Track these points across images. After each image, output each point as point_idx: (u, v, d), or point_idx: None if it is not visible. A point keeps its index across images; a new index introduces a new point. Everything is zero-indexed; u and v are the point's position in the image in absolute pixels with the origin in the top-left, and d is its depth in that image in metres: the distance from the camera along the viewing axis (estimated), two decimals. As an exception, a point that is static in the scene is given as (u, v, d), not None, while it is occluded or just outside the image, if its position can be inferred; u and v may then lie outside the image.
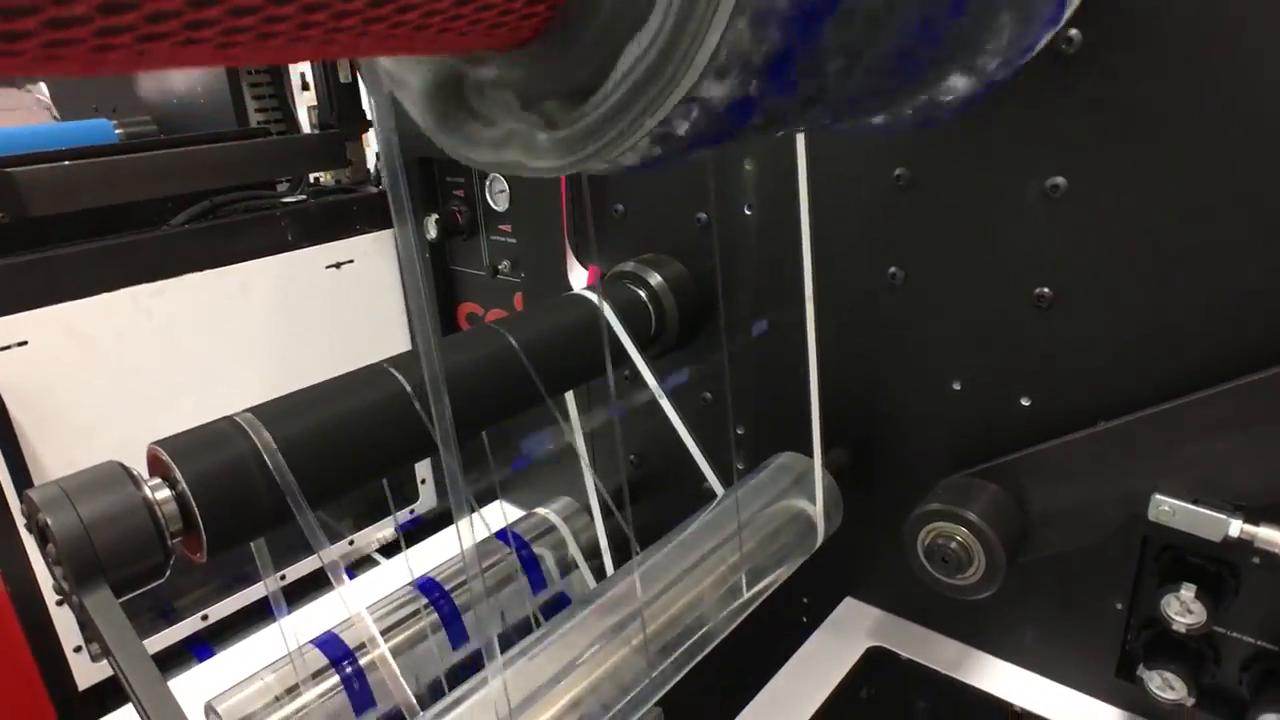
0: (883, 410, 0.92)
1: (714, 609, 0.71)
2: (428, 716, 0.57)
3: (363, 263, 1.43)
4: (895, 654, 0.94)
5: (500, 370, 0.82)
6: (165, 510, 0.61)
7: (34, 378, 1.10)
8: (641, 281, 1.01)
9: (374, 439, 0.72)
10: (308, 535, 0.65)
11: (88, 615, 0.57)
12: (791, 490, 0.85)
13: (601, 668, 0.62)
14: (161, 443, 0.64)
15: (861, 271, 0.88)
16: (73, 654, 1.21)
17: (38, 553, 1.17)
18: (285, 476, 0.65)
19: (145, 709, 0.53)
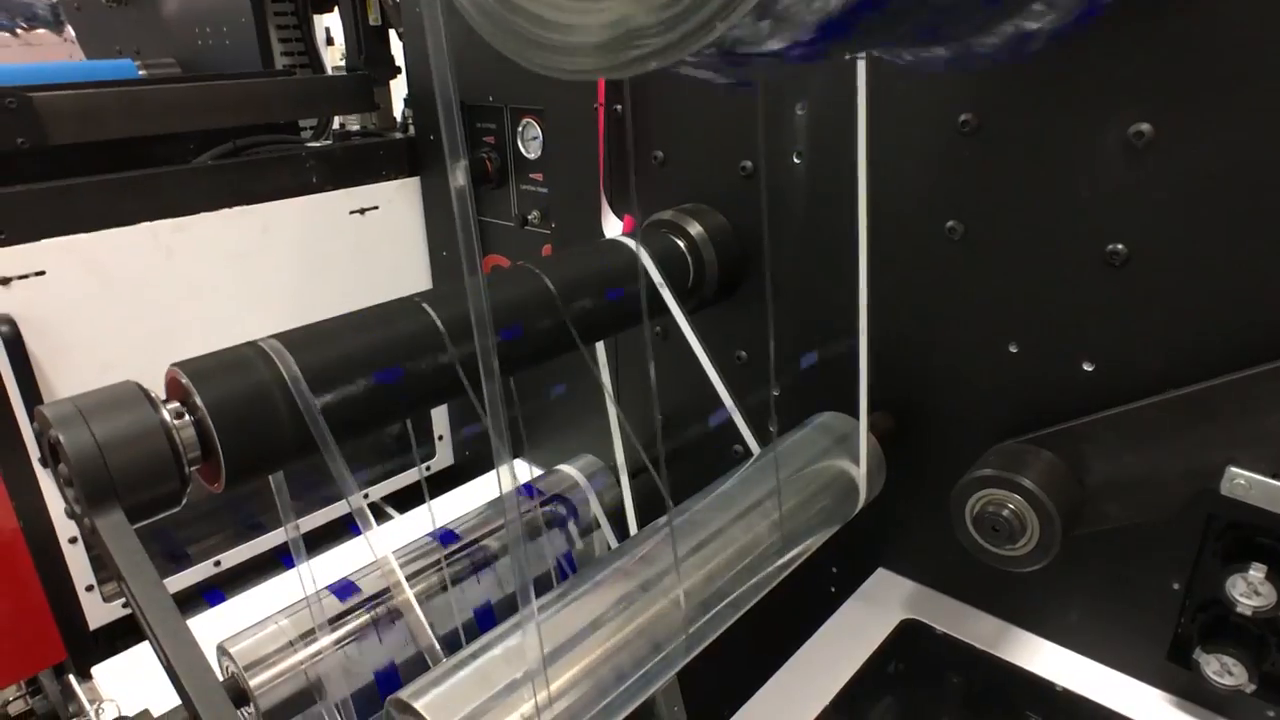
0: (930, 372, 0.87)
1: (752, 569, 0.67)
2: (458, 658, 0.54)
3: (387, 210, 1.39)
4: (930, 627, 0.91)
5: (534, 312, 0.79)
6: (183, 435, 0.58)
7: (51, 308, 1.07)
8: (680, 231, 0.96)
9: (408, 373, 0.68)
10: (332, 469, 0.61)
11: (99, 539, 0.54)
12: (833, 450, 0.81)
13: (635, 622, 0.58)
14: (181, 365, 0.60)
15: (916, 224, 0.83)
16: (84, 593, 1.19)
17: (53, 491, 1.15)
18: (309, 405, 0.62)
19: (156, 634, 0.50)
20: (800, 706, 0.81)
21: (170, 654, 0.50)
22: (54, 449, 0.55)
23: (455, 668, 0.54)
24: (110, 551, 0.53)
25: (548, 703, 0.50)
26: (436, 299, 0.73)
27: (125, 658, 1.04)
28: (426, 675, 0.53)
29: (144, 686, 0.98)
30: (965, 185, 0.79)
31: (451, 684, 0.52)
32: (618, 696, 0.56)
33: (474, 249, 0.44)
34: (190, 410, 0.59)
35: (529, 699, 0.52)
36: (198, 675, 0.49)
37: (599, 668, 0.55)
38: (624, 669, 0.57)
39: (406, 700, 0.51)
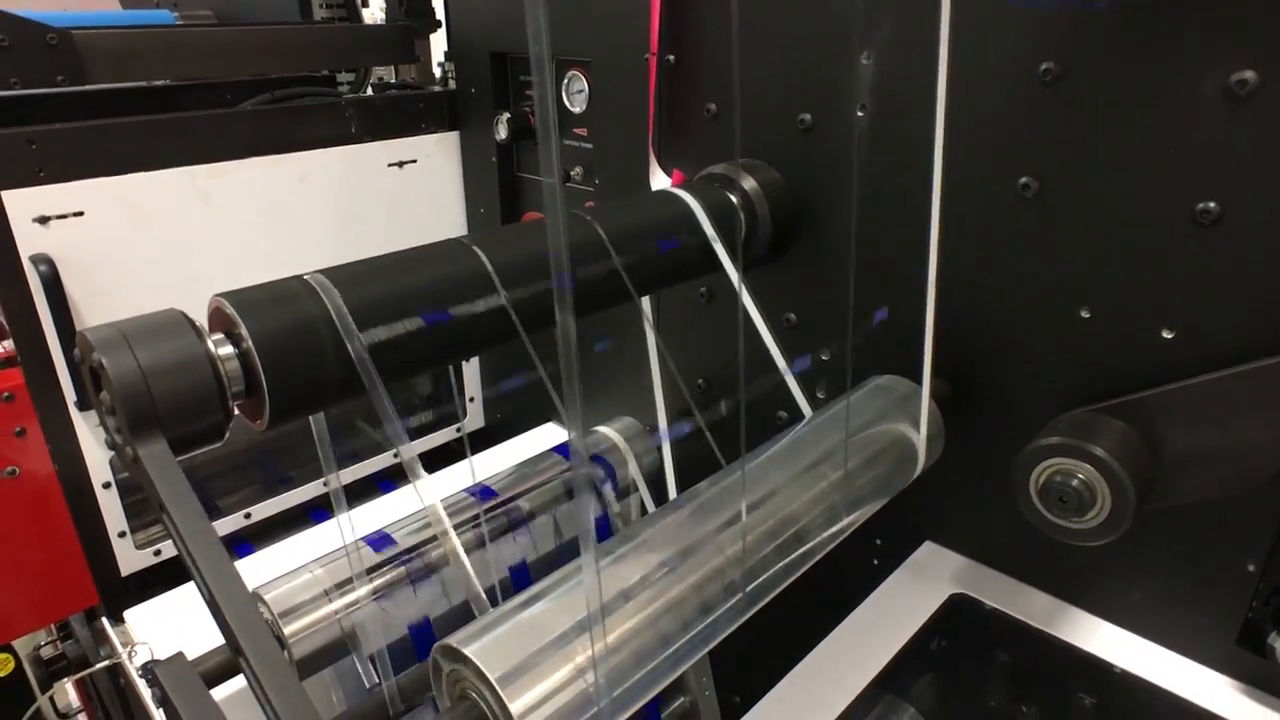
0: (992, 337, 0.83)
1: (810, 531, 0.64)
2: (507, 608, 0.52)
3: (426, 164, 1.37)
4: (979, 603, 0.88)
5: (585, 260, 0.76)
6: (227, 367, 0.56)
7: (88, 249, 1.05)
8: (733, 185, 0.93)
9: (452, 315, 0.66)
10: (378, 409, 0.59)
11: (141, 470, 0.52)
12: (893, 413, 0.77)
13: (692, 578, 0.56)
14: (226, 295, 0.58)
15: (986, 181, 0.79)
16: (117, 539, 1.19)
17: (88, 435, 1.14)
18: (356, 342, 0.59)
19: (199, 568, 0.48)
20: (845, 680, 0.78)
21: (214, 588, 0.48)
22: (95, 375, 0.53)
23: (505, 616, 0.51)
24: (153, 482, 0.51)
25: (604, 653, 0.48)
26: (485, 242, 0.70)
27: (158, 603, 1.03)
28: (475, 623, 0.51)
29: (177, 631, 0.97)
30: (1043, 139, 0.75)
31: (502, 632, 0.50)
32: (671, 653, 0.53)
33: (555, 166, 0.41)
34: (235, 342, 0.57)
35: (583, 650, 0.49)
36: (242, 611, 0.47)
37: (656, 622, 0.53)
38: (679, 625, 0.54)
39: (456, 646, 0.48)
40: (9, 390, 1.08)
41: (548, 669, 0.48)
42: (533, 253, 0.72)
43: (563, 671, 0.48)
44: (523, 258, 0.70)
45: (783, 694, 0.77)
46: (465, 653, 0.48)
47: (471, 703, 0.48)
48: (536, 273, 0.71)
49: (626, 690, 0.50)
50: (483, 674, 0.47)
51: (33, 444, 1.11)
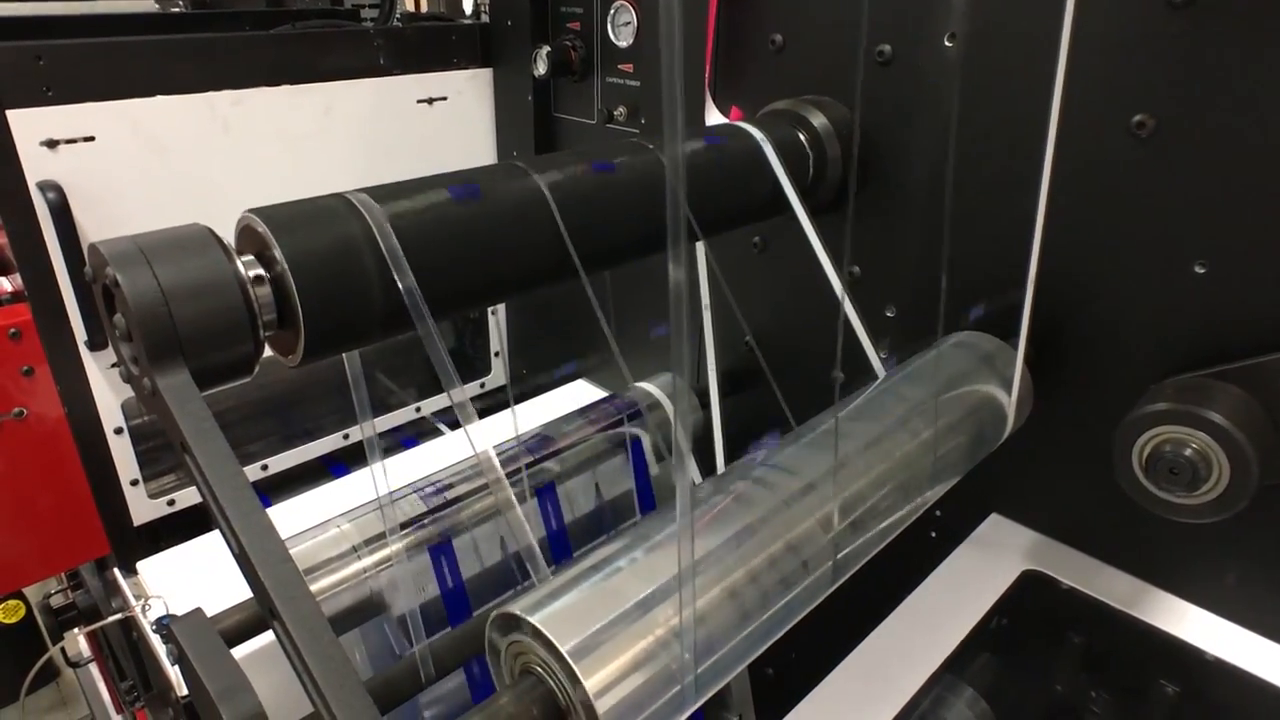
0: (1087, 292, 0.76)
1: (903, 494, 0.58)
2: (571, 574, 0.46)
3: (456, 102, 1.29)
4: (1055, 580, 0.81)
5: (647, 193, 0.68)
6: (258, 292, 0.49)
7: (100, 177, 0.98)
8: (801, 122, 0.85)
9: (506, 245, 0.59)
10: (425, 343, 0.52)
11: (160, 404, 0.45)
12: (979, 372, 0.70)
13: (780, 542, 0.49)
14: (257, 212, 0.51)
15: (1092, 119, 0.71)
16: (129, 488, 1.13)
17: (99, 377, 1.08)
18: (403, 269, 0.52)
19: (226, 513, 0.42)
20: (914, 659, 0.72)
21: (244, 539, 0.41)
22: (109, 294, 0.47)
23: (572, 582, 0.45)
24: (174, 417, 0.44)
25: (692, 621, 0.42)
26: (540, 164, 0.63)
27: (173, 554, 0.98)
28: (538, 589, 0.45)
29: (192, 585, 0.92)
30: (1164, 71, 0.67)
31: (571, 599, 0.44)
32: (756, 628, 0.47)
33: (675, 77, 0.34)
34: (266, 265, 0.50)
35: (664, 622, 0.43)
36: (276, 566, 0.41)
37: (738, 593, 0.47)
38: (761, 599, 0.48)
39: (520, 615, 0.42)
40: (15, 327, 1.02)
41: (626, 642, 0.42)
42: (576, 184, 0.65)
43: (642, 645, 0.42)
44: (586, 187, 0.63)
45: (846, 675, 0.71)
46: (532, 622, 0.41)
47: (536, 678, 0.42)
48: (587, 207, 0.64)
49: (709, 668, 0.44)
50: (552, 646, 0.41)
51: (41, 385, 1.05)
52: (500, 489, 0.50)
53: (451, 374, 0.52)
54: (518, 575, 0.85)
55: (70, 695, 2.31)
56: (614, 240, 0.66)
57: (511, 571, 0.85)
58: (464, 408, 0.52)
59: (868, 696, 0.69)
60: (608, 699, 0.40)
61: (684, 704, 0.43)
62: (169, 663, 0.85)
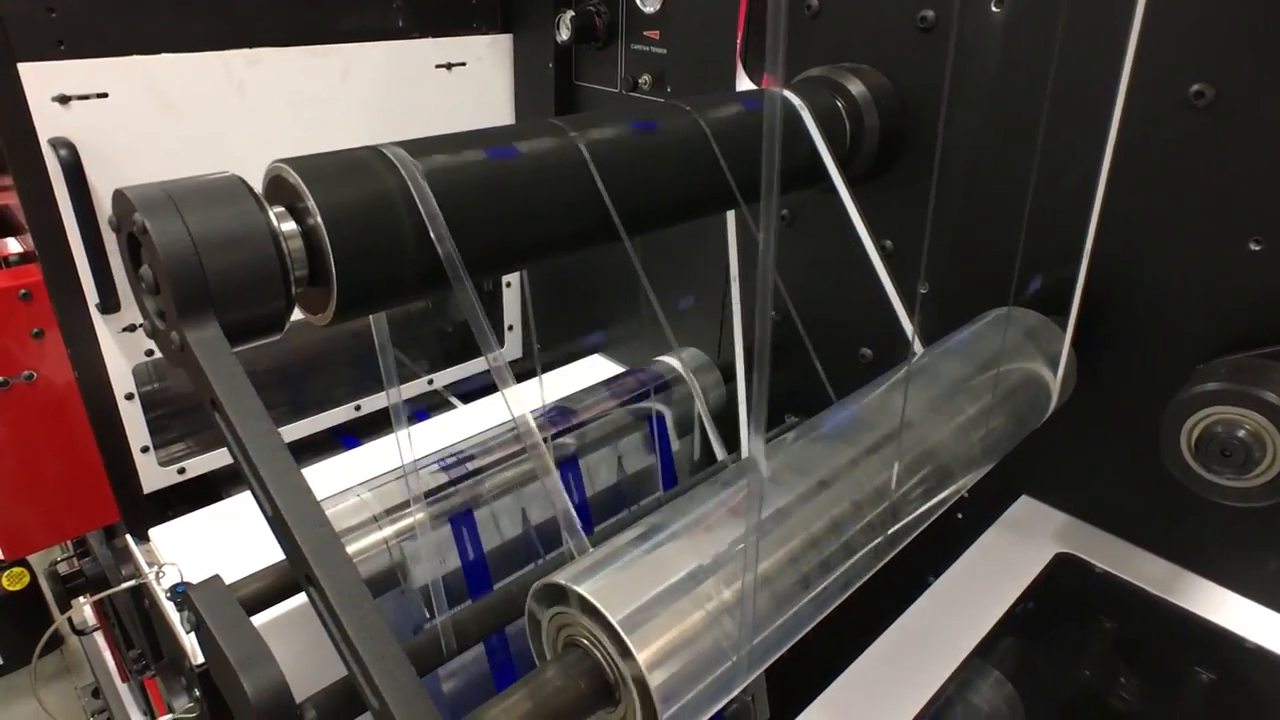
0: (1138, 268, 0.74)
1: (956, 468, 0.56)
2: (615, 545, 0.44)
3: (475, 68, 1.26)
4: (1088, 564, 0.80)
5: (687, 156, 0.66)
6: (290, 246, 0.47)
7: (112, 136, 0.96)
8: (839, 89, 0.82)
9: (543, 206, 0.57)
10: (463, 306, 0.50)
11: (189, 360, 0.43)
12: (1023, 348, 0.68)
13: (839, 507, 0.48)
14: (289, 162, 0.49)
15: (1149, 88, 0.68)
16: (139, 454, 1.11)
17: (110, 340, 1.06)
18: (440, 228, 0.50)
19: (259, 473, 0.40)
20: (945, 644, 0.71)
21: (279, 501, 0.40)
22: (134, 243, 0.44)
23: (617, 553, 0.43)
24: (204, 373, 0.42)
25: (753, 591, 0.40)
26: (578, 123, 0.60)
27: (186, 521, 0.96)
28: (581, 560, 0.43)
29: (205, 552, 0.91)
30: (1226, 38, 0.64)
31: (618, 569, 0.42)
32: (811, 600, 0.45)
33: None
34: (298, 217, 0.48)
35: (716, 593, 0.41)
36: (314, 530, 0.39)
37: (796, 563, 0.45)
38: (819, 568, 0.46)
39: (565, 584, 0.40)
40: (25, 288, 1.00)
41: (678, 614, 0.40)
42: (616, 144, 0.62)
43: (696, 617, 0.40)
44: (626, 148, 0.61)
45: (875, 659, 0.70)
46: (579, 592, 0.40)
47: (582, 651, 0.41)
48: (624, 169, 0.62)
49: (764, 641, 0.42)
50: (602, 617, 0.39)
51: (51, 348, 1.03)
52: (538, 455, 0.48)
53: (490, 337, 0.50)
54: (539, 548, 0.83)
55: (75, 663, 2.31)
56: (653, 203, 0.64)
57: (533, 545, 0.83)
58: (501, 371, 0.50)
59: (897, 682, 0.68)
60: (660, 673, 0.38)
61: (734, 680, 0.41)
62: (183, 630, 0.83)
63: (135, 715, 1.73)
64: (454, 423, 1.21)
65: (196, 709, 0.86)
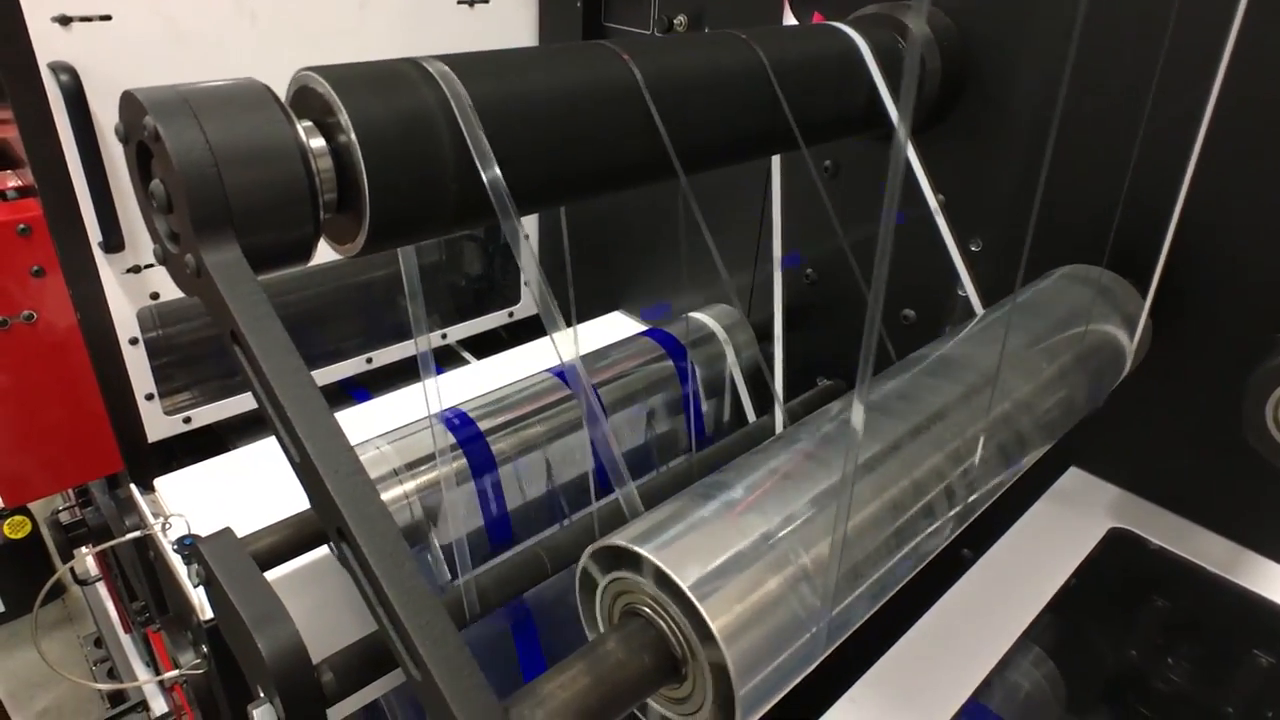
0: (1222, 231, 0.68)
1: (1033, 434, 0.51)
2: (677, 504, 0.39)
3: (499, 6, 1.19)
4: (1143, 540, 0.76)
5: (745, 89, 0.60)
6: (319, 165, 0.42)
7: (117, 61, 0.90)
8: (898, 27, 0.76)
9: (592, 136, 0.51)
10: (510, 241, 0.45)
11: (207, 287, 0.38)
12: (1099, 308, 0.63)
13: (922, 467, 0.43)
14: (319, 71, 0.44)
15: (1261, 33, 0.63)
16: (144, 402, 1.07)
17: (114, 282, 1.01)
18: (486, 156, 0.45)
19: (288, 415, 0.35)
20: (1001, 618, 0.67)
21: (308, 444, 0.35)
22: (145, 153, 0.40)
23: (678, 515, 0.39)
24: (224, 300, 0.37)
25: (839, 558, 0.36)
26: (632, 47, 0.55)
27: (193, 472, 0.92)
28: (638, 521, 0.39)
29: (213, 504, 0.87)
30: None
31: (683, 531, 0.37)
32: (889, 569, 0.41)
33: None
34: (328, 134, 0.43)
35: (795, 558, 0.37)
36: (345, 473, 0.35)
37: (876, 529, 0.40)
38: (895, 537, 0.42)
39: (627, 546, 0.36)
40: (24, 222, 0.95)
41: (754, 579, 0.36)
42: (674, 75, 0.57)
43: (773, 583, 0.36)
44: (681, 77, 0.56)
45: (921, 640, 0.66)
46: (645, 555, 0.35)
47: (644, 621, 0.36)
48: (682, 101, 0.56)
49: (844, 611, 0.38)
50: (670, 583, 0.35)
51: (52, 287, 0.98)
52: (584, 402, 0.44)
53: (538, 276, 0.45)
54: (564, 508, 0.79)
55: (76, 611, 2.30)
56: (708, 139, 0.59)
57: (558, 505, 0.79)
58: (549, 313, 0.46)
59: (945, 663, 0.64)
60: (738, 645, 0.34)
61: (812, 655, 0.37)
62: (191, 583, 0.80)
63: (138, 666, 1.72)
64: (467, 378, 1.16)
65: (204, 665, 0.83)
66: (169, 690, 1.46)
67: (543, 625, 0.80)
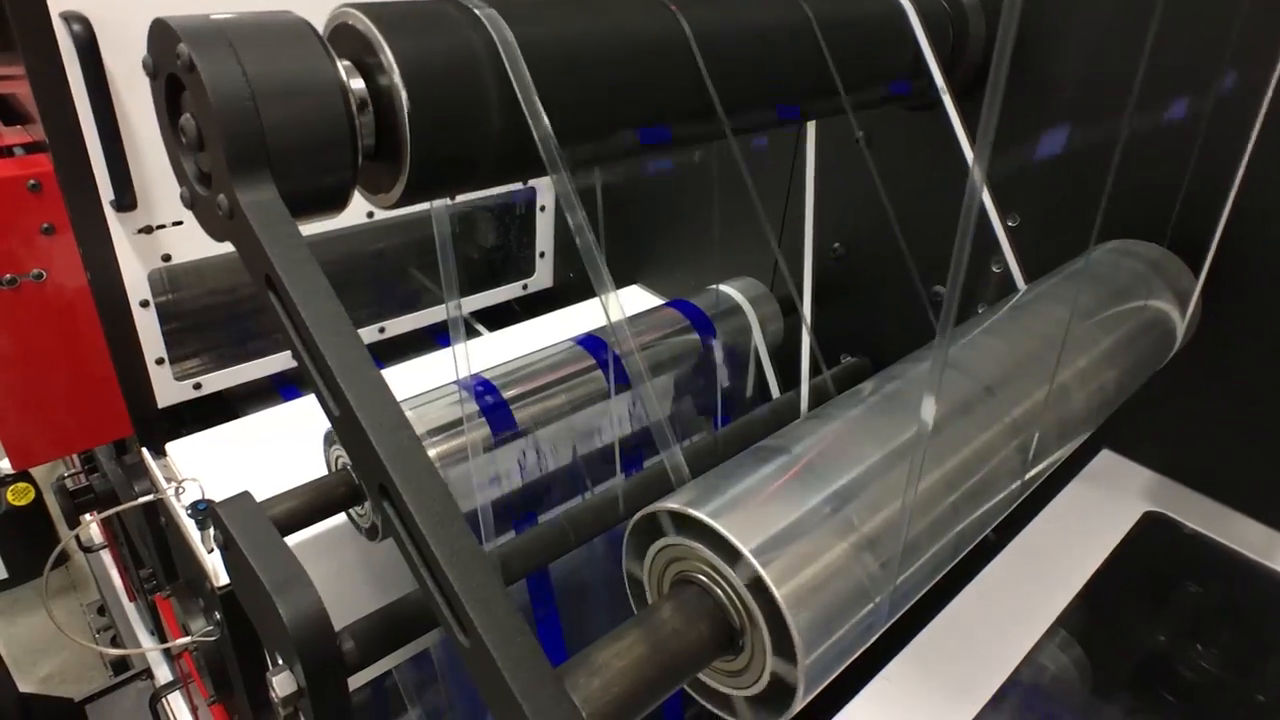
0: (1267, 210, 0.66)
1: (1089, 409, 0.49)
2: (729, 470, 0.38)
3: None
4: (1178, 524, 0.74)
5: (788, 48, 0.58)
6: (358, 107, 0.40)
7: (131, 11, 0.87)
8: (944, -10, 0.74)
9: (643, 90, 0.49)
10: (561, 199, 0.43)
11: (241, 229, 0.36)
12: (1150, 283, 0.61)
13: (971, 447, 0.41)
14: (359, 7, 0.41)
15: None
16: (154, 366, 1.05)
17: (125, 242, 0.98)
18: (535, 108, 0.43)
19: (329, 364, 0.33)
20: (1035, 602, 0.65)
21: (349, 393, 0.33)
22: (175, 86, 0.37)
23: (732, 478, 0.37)
24: (259, 243, 0.35)
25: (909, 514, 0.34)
26: None
27: (205, 437, 0.91)
28: (691, 485, 0.37)
29: (226, 471, 0.85)
30: None
31: (740, 494, 0.36)
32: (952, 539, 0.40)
33: None
34: (367, 75, 0.41)
35: (859, 523, 0.35)
36: (390, 427, 0.33)
37: (940, 497, 0.39)
38: (952, 508, 0.40)
39: (683, 510, 0.34)
40: (35, 178, 0.92)
41: (817, 545, 0.34)
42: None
43: (838, 550, 0.34)
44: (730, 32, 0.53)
45: (950, 625, 0.64)
46: (702, 518, 0.34)
47: (700, 589, 0.35)
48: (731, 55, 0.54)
49: (908, 581, 0.37)
50: (730, 547, 0.33)
51: (62, 246, 0.96)
52: (632, 361, 0.42)
53: (589, 235, 0.43)
54: (586, 480, 0.78)
55: (80, 579, 2.29)
56: (753, 97, 0.57)
57: (580, 476, 0.77)
58: (598, 272, 0.44)
59: (978, 648, 0.63)
60: (803, 614, 0.32)
61: (874, 628, 0.36)
62: (204, 549, 0.78)
63: (142, 634, 1.71)
64: (480, 350, 1.14)
65: (217, 632, 0.81)
66: (176, 658, 1.45)
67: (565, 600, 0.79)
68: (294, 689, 0.55)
